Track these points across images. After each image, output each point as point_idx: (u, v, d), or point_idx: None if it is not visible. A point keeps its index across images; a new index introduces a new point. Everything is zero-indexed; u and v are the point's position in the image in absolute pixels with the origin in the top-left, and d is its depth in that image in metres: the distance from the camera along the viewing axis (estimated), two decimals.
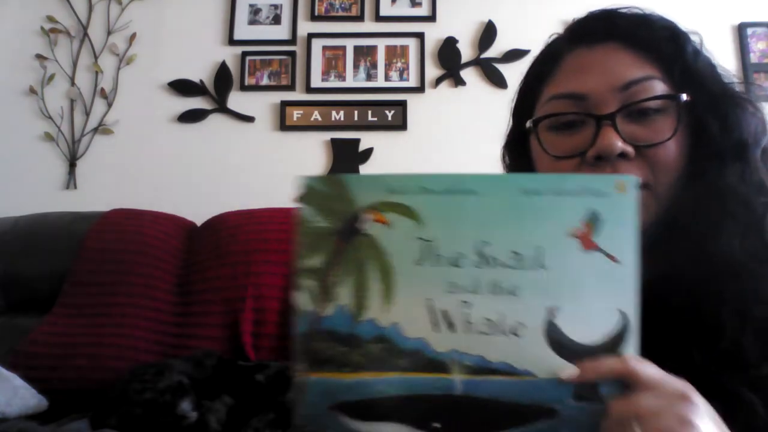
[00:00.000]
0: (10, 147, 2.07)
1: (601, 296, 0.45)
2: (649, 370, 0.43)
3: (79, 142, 2.08)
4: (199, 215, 1.75)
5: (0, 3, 2.14)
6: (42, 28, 2.13)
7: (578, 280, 0.46)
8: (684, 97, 0.56)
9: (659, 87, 0.57)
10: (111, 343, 1.43)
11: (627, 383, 0.43)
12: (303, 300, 0.49)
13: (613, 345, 0.45)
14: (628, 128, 0.56)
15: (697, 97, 0.57)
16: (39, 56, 2.11)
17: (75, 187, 2.05)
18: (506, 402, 0.46)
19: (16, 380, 1.30)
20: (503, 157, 0.71)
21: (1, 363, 1.35)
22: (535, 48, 0.72)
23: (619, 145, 0.55)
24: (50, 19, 2.14)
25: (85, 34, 2.15)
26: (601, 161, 0.56)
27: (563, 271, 0.46)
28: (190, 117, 2.07)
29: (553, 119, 0.60)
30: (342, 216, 0.49)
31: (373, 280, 0.48)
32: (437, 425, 0.47)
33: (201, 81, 2.10)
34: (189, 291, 1.55)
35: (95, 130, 2.09)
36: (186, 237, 1.67)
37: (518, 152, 0.66)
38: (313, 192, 0.50)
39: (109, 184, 2.04)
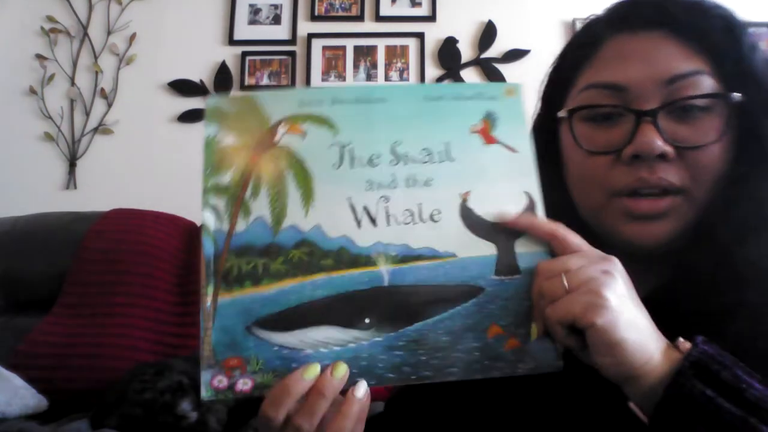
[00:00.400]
0: (10, 147, 2.07)
1: (506, 181, 0.50)
2: (576, 238, 0.47)
3: (79, 142, 2.08)
4: (199, 215, 1.74)
5: (0, 3, 2.14)
6: (42, 28, 2.13)
7: (484, 169, 0.50)
8: (736, 96, 0.51)
9: (707, 83, 0.51)
10: (111, 343, 1.42)
11: (550, 252, 0.48)
12: (211, 220, 0.48)
13: None
14: (670, 127, 0.51)
15: (751, 97, 0.51)
16: (39, 56, 2.11)
17: (75, 187, 2.05)
18: (433, 286, 0.47)
19: (16, 380, 1.30)
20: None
21: (1, 363, 1.35)
22: (535, 48, 0.72)
23: (659, 144, 0.50)
24: (50, 19, 2.14)
25: (85, 34, 2.15)
26: (638, 160, 0.51)
27: (470, 161, 0.50)
28: (190, 117, 2.07)
29: (591, 109, 0.55)
30: (254, 131, 0.50)
31: (292, 187, 0.49)
32: (367, 321, 0.47)
33: (201, 81, 2.10)
34: (189, 291, 1.55)
35: (95, 130, 2.09)
36: (186, 237, 1.67)
37: (546, 139, 0.60)
38: (221, 112, 0.51)
39: (109, 184, 2.04)
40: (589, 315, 0.41)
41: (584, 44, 0.58)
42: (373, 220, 0.48)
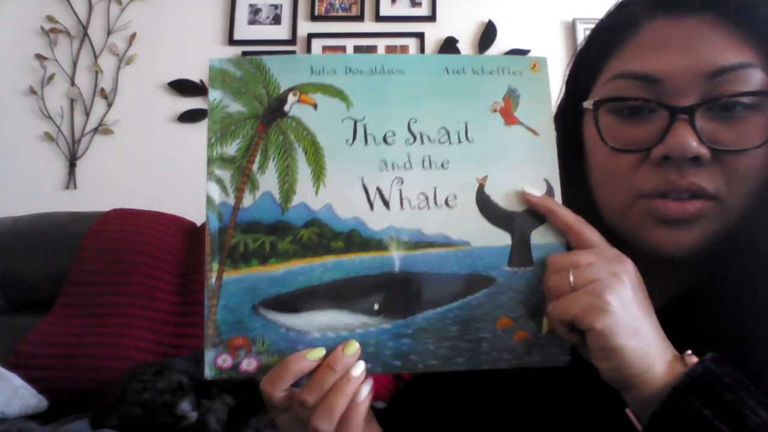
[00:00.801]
0: (10, 147, 2.07)
1: (525, 166, 0.48)
2: (593, 233, 0.45)
3: (79, 142, 2.08)
4: (199, 215, 1.74)
5: (0, 3, 2.14)
6: (42, 28, 2.13)
7: (503, 152, 0.48)
8: None
9: (757, 78, 0.44)
10: (111, 343, 1.42)
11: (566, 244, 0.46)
12: (216, 192, 0.46)
13: (540, 213, 0.47)
14: (709, 126, 0.45)
15: None
16: (39, 56, 2.11)
17: (75, 187, 2.05)
18: (445, 275, 0.46)
19: (16, 380, 1.30)
20: None
21: (1, 363, 1.35)
22: (535, 48, 0.70)
23: (694, 146, 0.44)
24: (50, 19, 2.14)
25: (85, 34, 2.15)
26: (668, 162, 0.46)
27: (489, 143, 0.48)
28: (190, 117, 2.07)
29: (619, 101, 0.49)
30: (262, 99, 0.47)
31: (302, 162, 0.46)
32: (376, 306, 0.45)
33: (201, 81, 2.10)
34: (189, 291, 1.55)
35: (95, 130, 2.09)
36: (186, 237, 1.67)
37: (568, 129, 0.55)
38: (226, 76, 0.47)
39: (109, 184, 2.04)
40: (588, 317, 0.40)
41: (617, 26, 0.51)
42: (386, 203, 0.46)
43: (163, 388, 1.18)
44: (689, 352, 0.41)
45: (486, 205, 0.47)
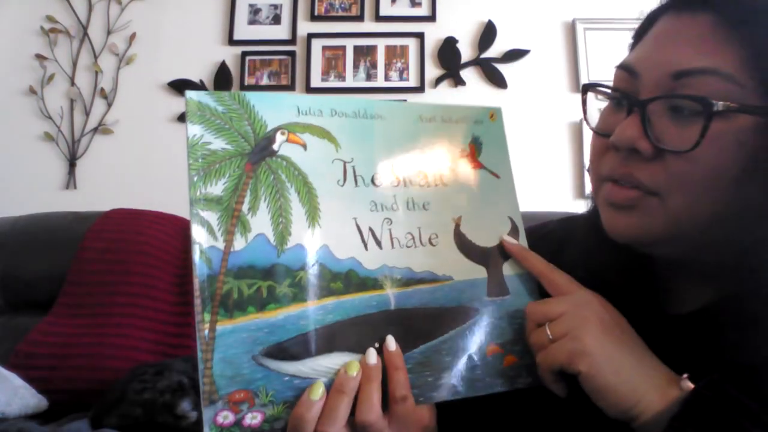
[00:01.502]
0: (10, 147, 2.07)
1: (491, 206, 0.53)
2: (562, 277, 0.49)
3: (79, 142, 2.08)
4: None
5: (0, 3, 2.14)
6: (42, 27, 2.13)
7: (472, 194, 0.53)
8: (720, 104, 0.42)
9: (715, 86, 0.43)
10: (111, 343, 1.42)
11: (533, 282, 0.52)
12: (202, 236, 0.42)
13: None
14: (662, 124, 0.45)
15: None
16: (39, 56, 2.11)
17: (75, 187, 2.05)
18: (435, 308, 0.49)
19: (16, 380, 1.30)
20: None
21: (1, 363, 1.35)
22: (535, 48, 0.71)
23: (629, 137, 0.45)
24: (50, 19, 2.14)
25: (85, 34, 2.15)
26: (617, 150, 0.47)
27: (460, 185, 0.53)
28: None
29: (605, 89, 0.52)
30: (248, 136, 0.45)
31: (295, 203, 0.46)
32: (377, 345, 0.46)
33: (201, 81, 2.10)
34: (189, 291, 1.55)
35: (95, 130, 2.09)
36: (186, 237, 1.66)
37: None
38: (206, 110, 0.45)
39: (109, 184, 2.04)
40: (574, 363, 0.43)
41: (644, 21, 0.53)
42: (378, 243, 0.48)
43: (163, 388, 1.18)
44: (685, 376, 0.42)
45: (462, 243, 0.51)
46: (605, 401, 0.42)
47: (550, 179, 2.03)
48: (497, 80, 2.10)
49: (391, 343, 0.46)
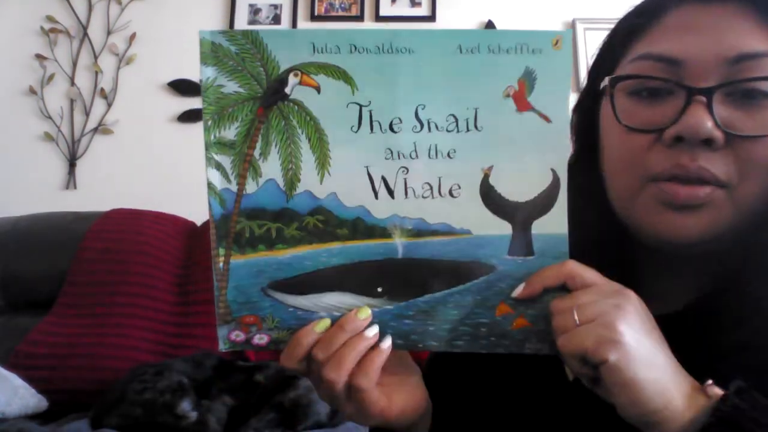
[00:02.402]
0: (10, 147, 2.07)
1: (533, 155, 0.46)
2: (589, 273, 0.44)
3: (79, 142, 2.08)
4: (199, 215, 1.74)
5: (0, 3, 2.14)
6: (42, 28, 2.13)
7: (512, 141, 0.46)
8: None
9: None
10: (111, 343, 1.42)
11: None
12: (216, 178, 0.46)
13: (544, 203, 0.46)
14: (726, 111, 0.44)
15: None
16: (39, 56, 2.11)
17: (75, 187, 2.05)
18: (446, 261, 0.47)
19: (16, 380, 1.30)
20: (571, 120, 0.58)
21: (1, 363, 1.35)
22: None
23: (708, 127, 0.43)
24: (50, 19, 2.14)
25: (85, 34, 2.15)
26: (680, 143, 0.44)
27: (498, 131, 0.46)
28: (190, 117, 2.07)
29: (636, 82, 0.48)
30: (261, 78, 0.45)
31: (306, 149, 0.45)
32: (380, 289, 0.47)
33: (201, 81, 2.10)
34: (189, 291, 1.55)
35: (95, 130, 2.09)
36: (186, 237, 1.66)
37: (588, 116, 0.55)
38: (219, 50, 0.45)
39: (109, 184, 2.04)
40: (601, 350, 0.38)
41: (645, 11, 0.51)
42: (390, 192, 0.46)
43: (163, 388, 1.18)
44: (710, 382, 0.39)
45: (489, 196, 0.47)
46: (628, 397, 0.38)
47: None
48: None
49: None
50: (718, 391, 0.39)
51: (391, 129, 0.46)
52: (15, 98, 2.10)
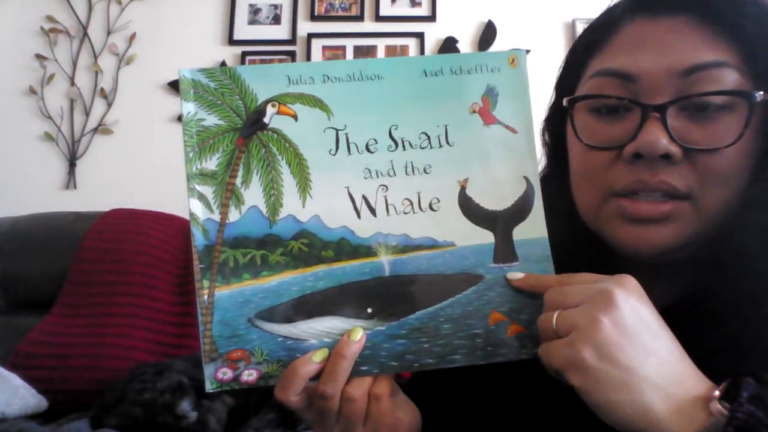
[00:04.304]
0: (10, 147, 2.07)
1: (505, 165, 0.49)
2: (584, 276, 0.44)
3: (79, 142, 2.08)
4: None
5: (0, 3, 2.14)
6: (42, 28, 2.13)
7: (483, 153, 0.49)
8: (760, 95, 0.44)
9: (731, 78, 0.45)
10: (111, 343, 1.42)
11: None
12: (199, 209, 0.46)
13: (521, 209, 0.49)
14: (681, 124, 0.45)
15: None
16: (39, 56, 2.11)
17: (75, 187, 2.05)
18: (434, 275, 0.47)
19: (16, 380, 1.30)
20: (542, 133, 0.60)
21: (1, 363, 1.35)
22: (535, 48, 0.70)
23: (664, 144, 0.44)
24: (50, 19, 2.14)
25: (85, 34, 2.15)
26: (640, 160, 0.46)
27: (469, 145, 0.49)
28: None
29: (595, 99, 0.49)
30: (240, 111, 0.47)
31: (287, 175, 0.47)
32: (370, 310, 0.46)
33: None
34: (189, 291, 1.55)
35: (95, 130, 2.09)
36: (186, 237, 1.66)
37: (557, 131, 0.56)
38: (199, 87, 0.47)
39: (109, 184, 2.04)
40: (567, 373, 0.39)
41: (601, 26, 0.52)
42: (372, 210, 0.47)
43: (163, 388, 1.18)
44: (716, 393, 0.37)
45: (468, 206, 0.48)
46: (607, 418, 0.38)
47: None
48: None
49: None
50: (720, 408, 0.36)
51: (368, 149, 0.48)
52: (15, 98, 2.10)
